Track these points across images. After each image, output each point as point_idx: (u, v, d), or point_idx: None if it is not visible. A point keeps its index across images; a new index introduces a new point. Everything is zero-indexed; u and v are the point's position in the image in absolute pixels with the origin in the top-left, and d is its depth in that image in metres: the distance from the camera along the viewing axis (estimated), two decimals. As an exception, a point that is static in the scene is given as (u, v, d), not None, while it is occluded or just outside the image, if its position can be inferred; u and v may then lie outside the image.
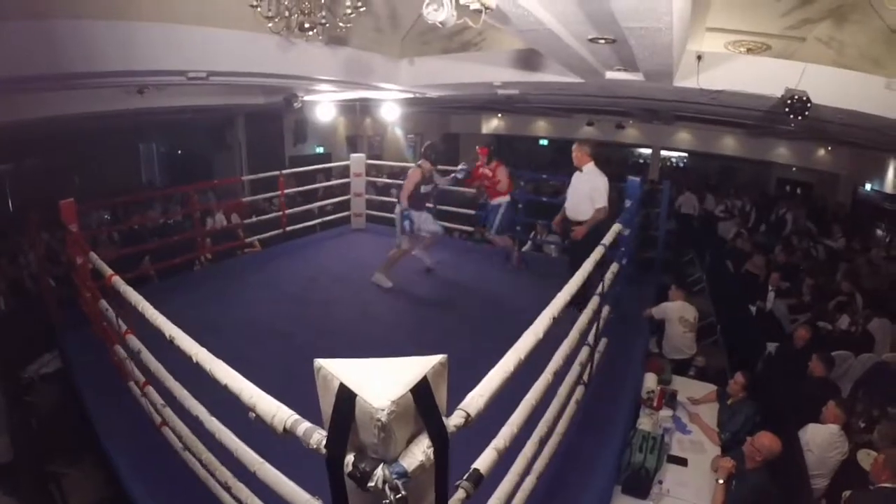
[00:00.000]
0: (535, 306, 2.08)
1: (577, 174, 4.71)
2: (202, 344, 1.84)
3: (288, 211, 6.70)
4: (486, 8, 2.16)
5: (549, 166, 16.70)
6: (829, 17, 3.73)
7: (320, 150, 12.26)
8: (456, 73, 5.55)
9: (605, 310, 3.26)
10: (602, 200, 4.49)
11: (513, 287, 5.56)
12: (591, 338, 3.13)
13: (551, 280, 2.49)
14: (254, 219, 6.80)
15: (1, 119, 4.88)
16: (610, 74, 4.40)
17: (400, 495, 1.08)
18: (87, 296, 3.69)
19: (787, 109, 3.85)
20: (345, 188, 7.66)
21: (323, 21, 3.21)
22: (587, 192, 4.55)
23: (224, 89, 6.33)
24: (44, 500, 3.24)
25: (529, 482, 2.26)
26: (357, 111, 11.04)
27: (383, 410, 1.05)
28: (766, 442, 3.06)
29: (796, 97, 3.79)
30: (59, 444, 3.63)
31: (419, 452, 1.14)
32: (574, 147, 4.72)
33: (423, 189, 5.04)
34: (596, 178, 4.55)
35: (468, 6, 2.14)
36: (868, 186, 11.01)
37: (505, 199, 5.70)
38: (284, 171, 6.97)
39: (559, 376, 2.32)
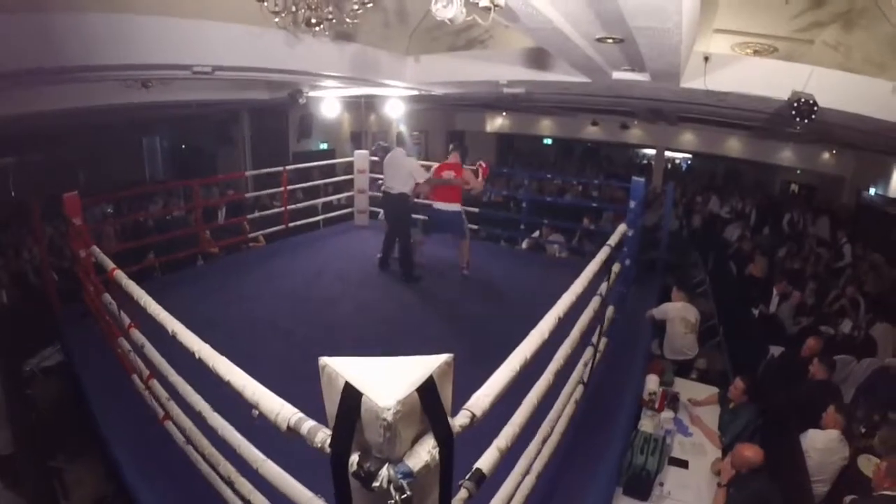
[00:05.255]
0: (539, 305, 2.08)
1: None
2: (204, 339, 1.83)
3: (290, 207, 6.70)
4: (495, 5, 2.14)
5: (553, 165, 16.71)
6: (837, 21, 3.71)
7: (324, 146, 12.24)
8: (462, 70, 5.52)
9: (610, 310, 3.25)
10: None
11: (518, 286, 5.55)
12: (593, 338, 3.12)
13: (556, 280, 2.48)
14: (256, 214, 6.80)
15: (2, 112, 4.86)
16: (617, 74, 4.37)
17: (405, 496, 1.07)
18: (90, 289, 3.68)
19: (793, 112, 3.82)
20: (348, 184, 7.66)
21: (330, 16, 3.19)
22: None
23: (229, 84, 6.31)
24: (45, 494, 3.24)
25: (531, 482, 2.25)
26: (362, 107, 11.02)
27: (389, 410, 1.04)
28: (747, 454, 3.04)
29: (803, 100, 3.75)
30: (61, 437, 3.63)
31: (424, 453, 1.13)
32: None
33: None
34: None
35: (477, 3, 2.12)
36: (872, 190, 10.96)
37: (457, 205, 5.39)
38: (288, 167, 6.98)
39: (561, 376, 2.31)
